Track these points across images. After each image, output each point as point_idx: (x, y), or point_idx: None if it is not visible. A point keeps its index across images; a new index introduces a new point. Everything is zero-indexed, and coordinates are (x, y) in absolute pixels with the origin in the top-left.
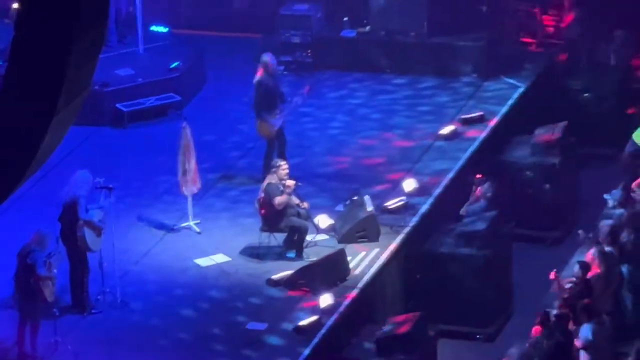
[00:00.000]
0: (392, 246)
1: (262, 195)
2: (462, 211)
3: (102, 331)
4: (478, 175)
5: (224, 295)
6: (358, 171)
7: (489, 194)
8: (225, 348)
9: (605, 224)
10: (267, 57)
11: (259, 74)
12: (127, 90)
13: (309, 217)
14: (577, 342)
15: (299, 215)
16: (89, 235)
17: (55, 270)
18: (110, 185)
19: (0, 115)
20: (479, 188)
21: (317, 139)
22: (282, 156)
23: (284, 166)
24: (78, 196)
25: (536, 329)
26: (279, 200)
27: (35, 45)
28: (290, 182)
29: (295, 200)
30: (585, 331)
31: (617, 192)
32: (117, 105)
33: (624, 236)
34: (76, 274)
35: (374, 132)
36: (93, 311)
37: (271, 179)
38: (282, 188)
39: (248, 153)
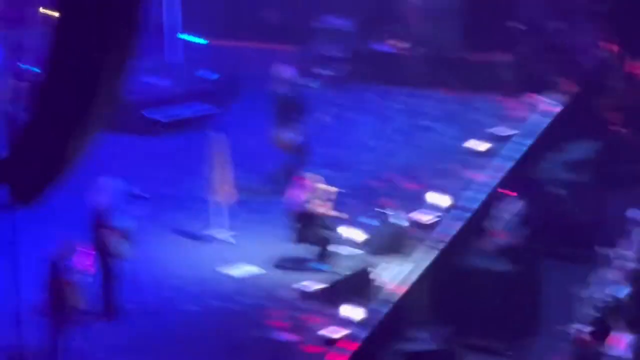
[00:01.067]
0: (424, 261)
1: (295, 208)
2: (494, 227)
3: (132, 339)
4: (510, 192)
5: (255, 306)
6: (391, 185)
7: (520, 212)
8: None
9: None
10: (285, 69)
11: (277, 85)
12: (163, 100)
13: (342, 229)
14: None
15: (333, 228)
16: (120, 243)
17: (85, 277)
18: (146, 195)
19: (32, 121)
20: (510, 205)
21: (351, 151)
22: (301, 170)
23: (319, 182)
24: (110, 204)
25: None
26: (323, 208)
27: (70, 53)
28: (332, 189)
29: (331, 211)
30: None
31: None
32: (153, 115)
33: None
34: (107, 281)
35: (405, 147)
36: (123, 318)
37: (305, 192)
38: (317, 201)
39: (280, 164)
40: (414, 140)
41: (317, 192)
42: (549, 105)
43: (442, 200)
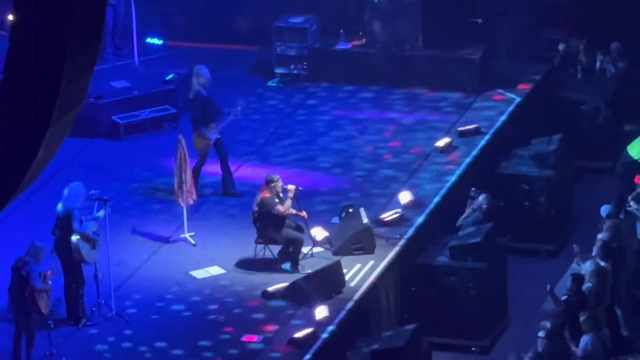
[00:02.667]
0: (388, 258)
1: (256, 209)
2: (458, 224)
3: (97, 343)
4: (473, 188)
5: (218, 308)
6: (353, 183)
7: (484, 207)
8: None
9: (599, 238)
10: (201, 70)
11: (194, 87)
12: (123, 102)
13: (306, 228)
14: (576, 351)
15: (296, 227)
16: (83, 247)
17: (50, 283)
18: (105, 197)
19: None
20: (474, 201)
21: (312, 150)
22: (227, 169)
23: (279, 182)
24: (72, 208)
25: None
26: (284, 207)
27: (29, 57)
28: (291, 187)
29: (292, 210)
30: (584, 341)
31: (608, 206)
32: (113, 117)
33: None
34: (71, 286)
35: (369, 144)
36: (88, 323)
37: (266, 193)
38: (277, 200)
39: (243, 164)
40: (373, 137)
41: (276, 190)
42: (512, 100)
43: (403, 196)
